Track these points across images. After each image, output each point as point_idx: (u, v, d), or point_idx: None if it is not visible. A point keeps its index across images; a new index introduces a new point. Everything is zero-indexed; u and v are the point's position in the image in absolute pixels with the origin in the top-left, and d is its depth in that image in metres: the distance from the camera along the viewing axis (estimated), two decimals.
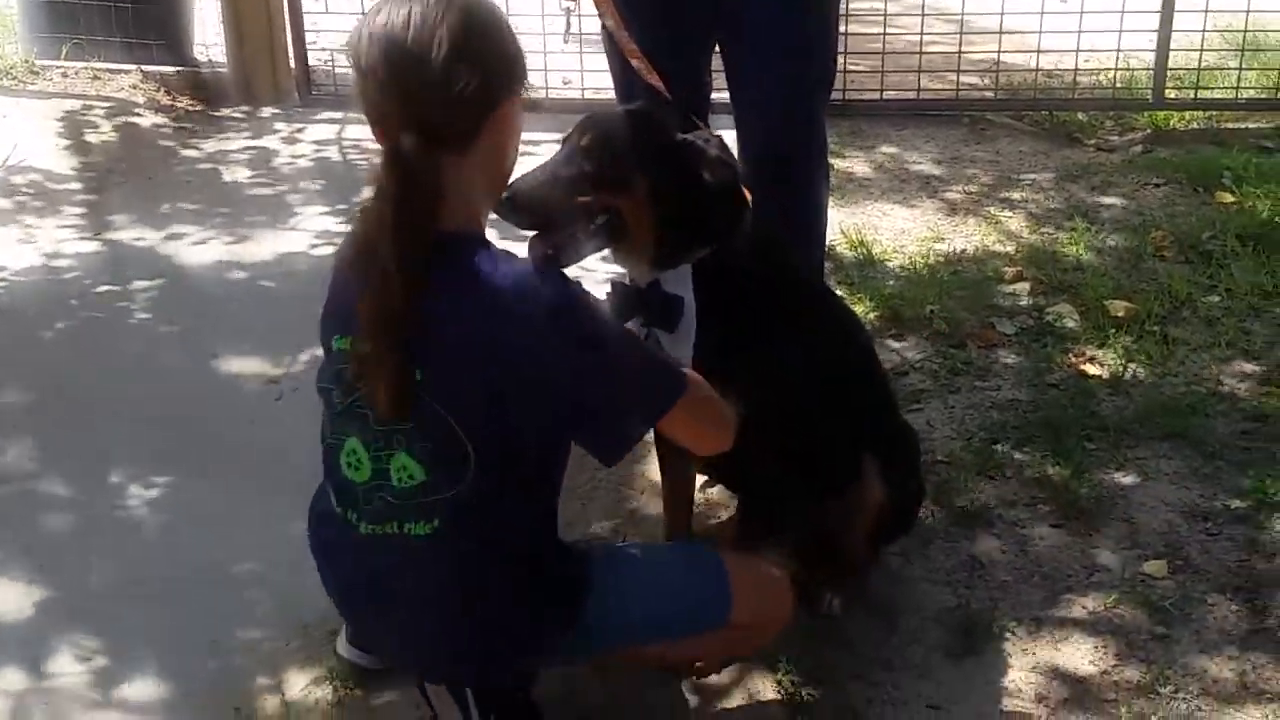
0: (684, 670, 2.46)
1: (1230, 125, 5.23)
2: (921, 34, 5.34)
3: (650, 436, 2.63)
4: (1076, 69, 5.39)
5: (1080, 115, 5.32)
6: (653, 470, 2.88)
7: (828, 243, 4.02)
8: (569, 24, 3.01)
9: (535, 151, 2.43)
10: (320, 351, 2.13)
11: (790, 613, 2.35)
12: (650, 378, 2.07)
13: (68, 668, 2.52)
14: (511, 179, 2.14)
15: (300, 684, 2.46)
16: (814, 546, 2.66)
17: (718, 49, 3.11)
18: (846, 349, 2.58)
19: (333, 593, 2.24)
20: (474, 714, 2.16)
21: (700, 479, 2.82)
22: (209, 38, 5.86)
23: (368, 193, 1.97)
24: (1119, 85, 5.41)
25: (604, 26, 2.89)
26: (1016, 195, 4.61)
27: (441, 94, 1.90)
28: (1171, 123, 5.25)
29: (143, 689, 2.47)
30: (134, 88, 5.59)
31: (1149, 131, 5.18)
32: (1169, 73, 5.25)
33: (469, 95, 1.92)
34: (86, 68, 5.65)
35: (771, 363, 2.33)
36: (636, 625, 2.19)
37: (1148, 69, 5.28)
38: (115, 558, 2.82)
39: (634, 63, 2.73)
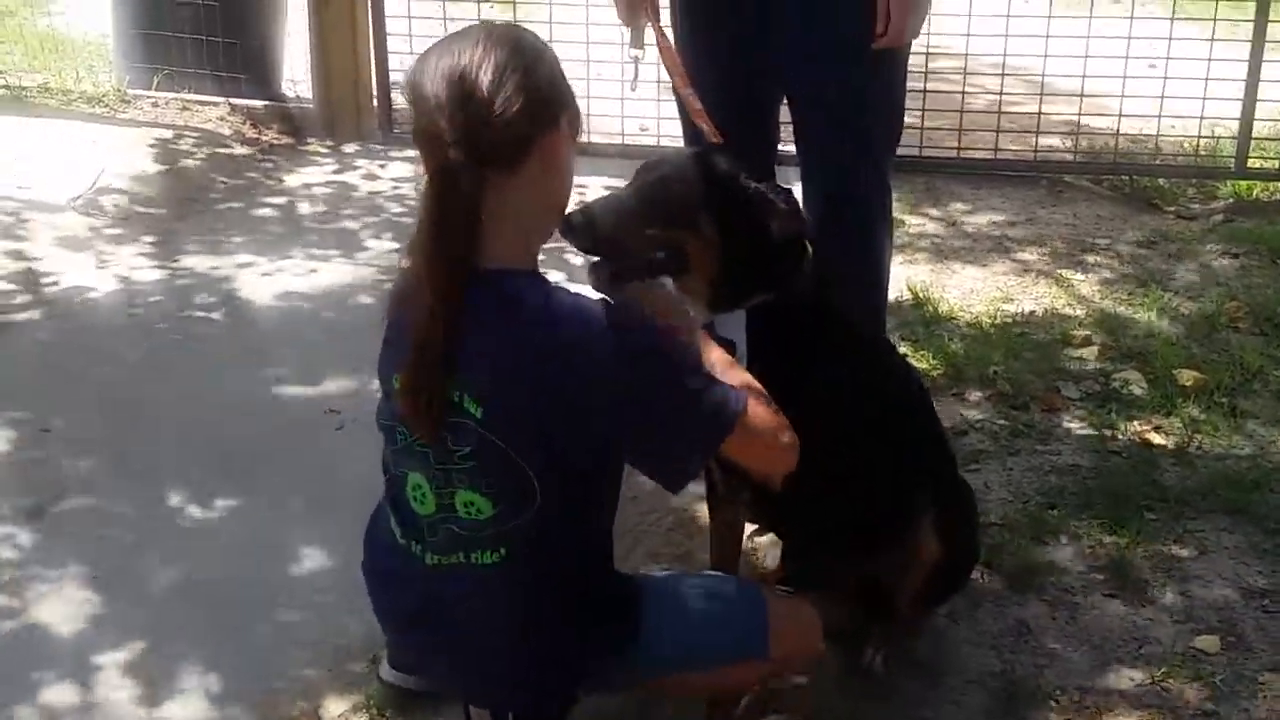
0: (719, 705, 2.44)
1: None
2: (1001, 93, 5.32)
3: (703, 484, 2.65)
4: (1158, 134, 5.34)
5: (1161, 181, 5.25)
6: (704, 514, 2.88)
7: (893, 298, 4.03)
8: (636, 72, 3.03)
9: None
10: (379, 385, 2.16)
11: (820, 649, 2.35)
12: (707, 403, 2.04)
13: (114, 681, 2.56)
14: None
15: (338, 710, 2.48)
16: (862, 599, 2.64)
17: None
18: (900, 400, 2.57)
19: (388, 620, 2.27)
20: None
21: (750, 527, 2.81)
22: (297, 74, 5.98)
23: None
24: (1202, 153, 5.34)
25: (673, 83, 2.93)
26: (1090, 259, 4.56)
27: (485, 112, 1.93)
28: (1255, 193, 5.17)
29: (185, 708, 2.50)
30: (221, 119, 5.71)
31: (1230, 201, 5.11)
32: (1253, 142, 5.18)
33: (513, 116, 1.95)
34: (177, 98, 5.78)
35: (821, 410, 2.32)
36: (682, 653, 2.19)
37: (1232, 137, 5.21)
38: (167, 575, 2.87)
39: (699, 123, 2.76)
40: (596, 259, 2.26)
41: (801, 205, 2.63)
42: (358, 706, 2.49)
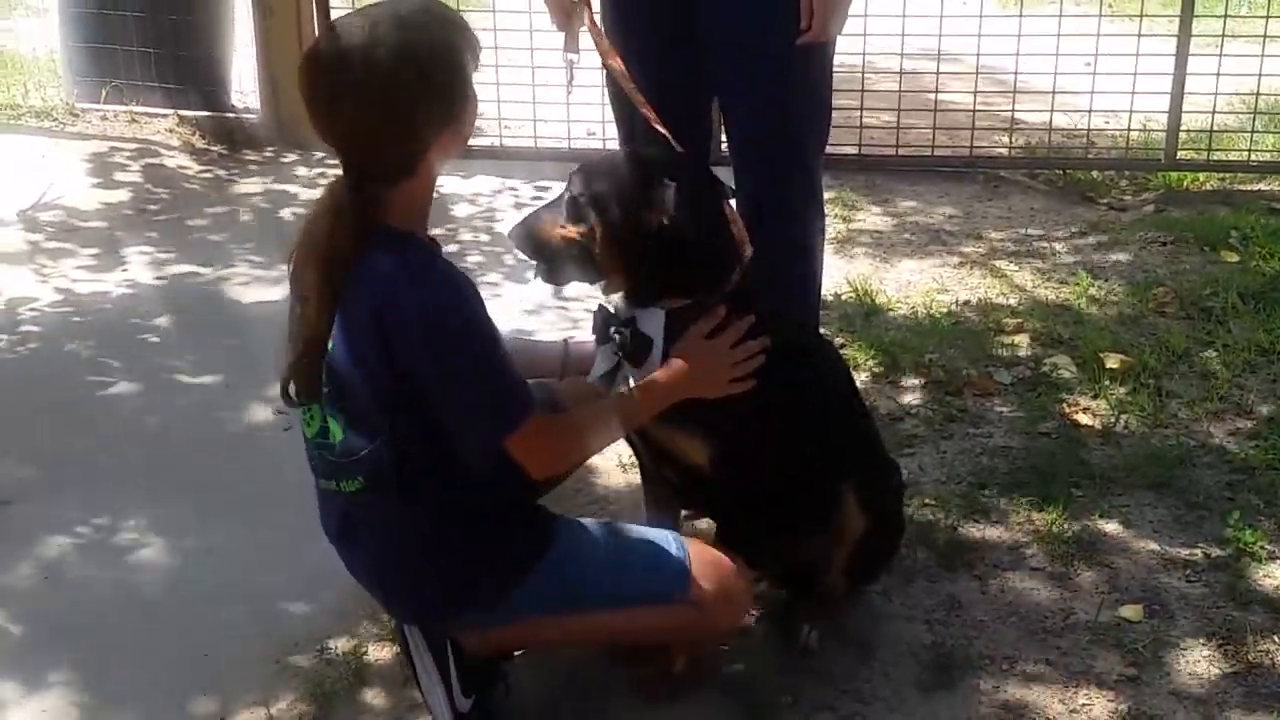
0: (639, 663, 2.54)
1: (1242, 187, 5.28)
2: (937, 91, 5.43)
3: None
4: (1090, 129, 5.47)
5: (1094, 174, 5.38)
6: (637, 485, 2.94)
7: (832, 292, 4.13)
8: (571, 75, 3.10)
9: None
10: None
11: (746, 604, 2.47)
12: (493, 402, 2.20)
13: (60, 681, 2.60)
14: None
15: (286, 700, 2.54)
16: (792, 578, 2.72)
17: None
18: (825, 386, 2.64)
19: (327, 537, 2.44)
20: (419, 656, 2.34)
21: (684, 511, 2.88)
22: (245, 84, 6.02)
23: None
24: (1133, 146, 5.47)
25: (608, 72, 3.00)
26: (1024, 250, 4.67)
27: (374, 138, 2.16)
28: (1185, 183, 5.30)
29: (133, 706, 2.55)
30: (170, 131, 5.75)
31: (1161, 191, 5.24)
32: (1182, 134, 5.31)
33: (406, 130, 2.15)
34: (125, 111, 5.82)
35: (739, 404, 2.40)
36: (593, 585, 2.32)
37: (1161, 130, 5.34)
38: (113, 577, 2.92)
39: (643, 111, 2.82)
40: (535, 262, 2.49)
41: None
42: (304, 696, 2.54)
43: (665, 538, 2.42)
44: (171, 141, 5.68)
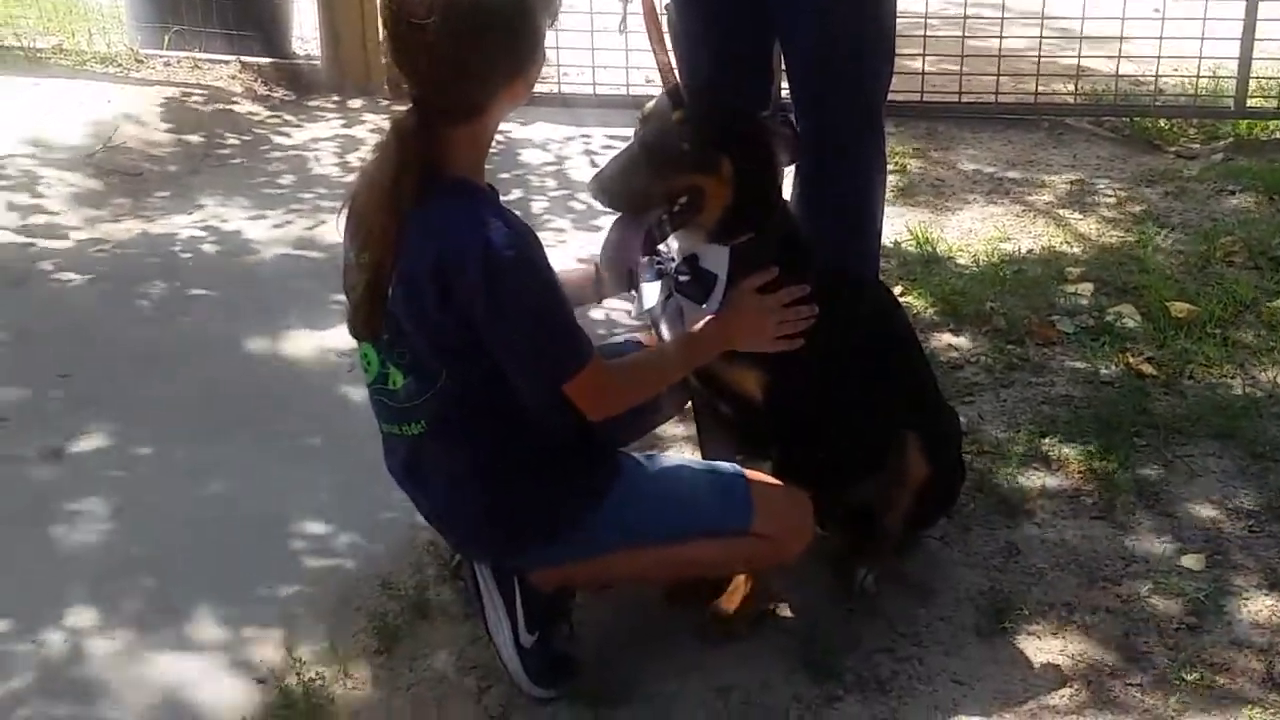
0: (693, 605, 2.57)
1: None
2: (1001, 36, 5.36)
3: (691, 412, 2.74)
4: (1158, 75, 5.37)
5: (1162, 122, 5.30)
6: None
7: (893, 240, 4.10)
8: (625, 15, 3.09)
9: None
10: None
11: (810, 532, 2.48)
12: (551, 349, 2.22)
13: (130, 608, 2.67)
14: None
15: (349, 635, 2.58)
16: (850, 521, 2.73)
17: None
18: (881, 329, 2.64)
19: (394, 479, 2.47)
20: (487, 591, 2.38)
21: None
22: (306, 32, 6.04)
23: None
24: (1202, 93, 5.37)
25: (668, 16, 2.99)
26: (1089, 199, 4.62)
27: (452, 72, 2.13)
28: (1254, 132, 5.21)
29: (197, 632, 2.61)
30: (232, 78, 5.79)
31: (1230, 140, 5.15)
32: (1253, 82, 5.21)
33: (481, 74, 2.15)
34: (188, 57, 5.87)
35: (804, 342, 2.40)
36: (657, 519, 2.35)
37: (1231, 77, 5.24)
38: (180, 511, 2.97)
39: (660, 58, 2.79)
40: (619, 215, 2.36)
41: None
42: (368, 630, 2.58)
43: (726, 470, 2.44)
44: (234, 88, 5.72)
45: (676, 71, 2.78)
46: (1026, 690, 2.44)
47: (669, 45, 2.86)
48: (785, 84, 3.23)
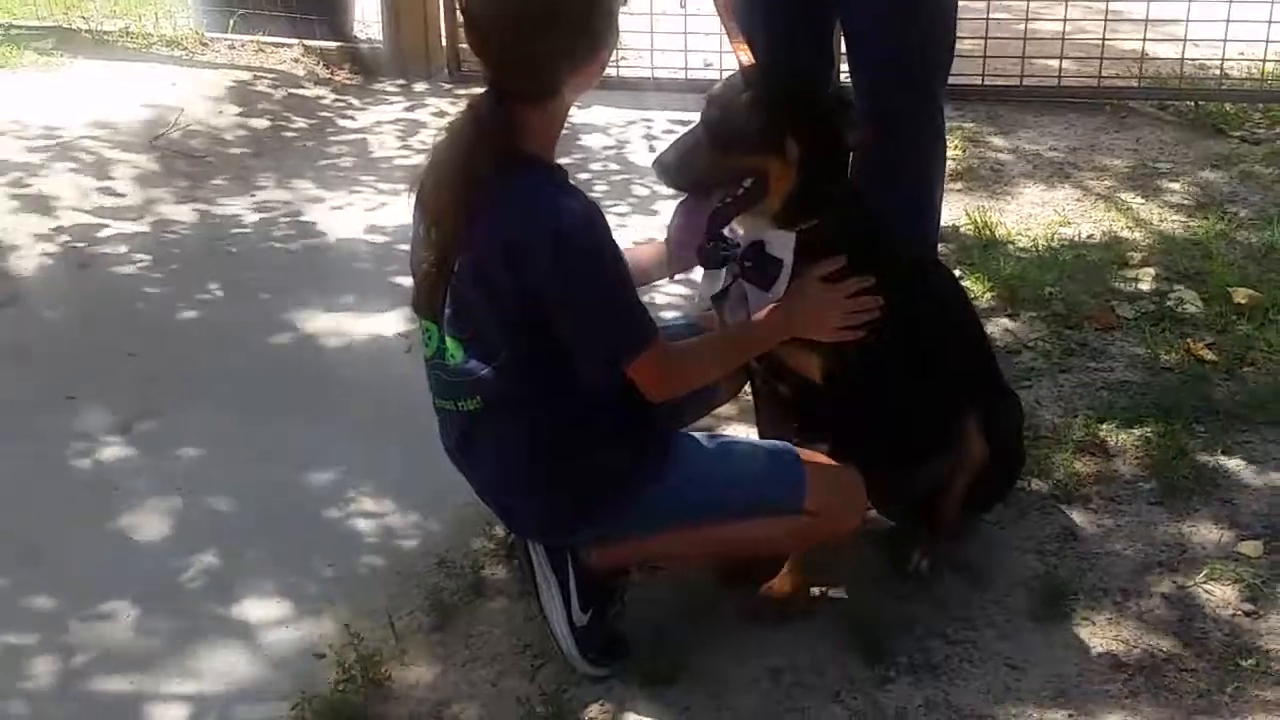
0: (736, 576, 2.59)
1: None
2: (1065, 19, 5.30)
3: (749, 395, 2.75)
4: (1224, 58, 5.29)
5: (1227, 107, 5.22)
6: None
7: (952, 222, 4.09)
8: None
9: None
10: None
11: (863, 510, 2.51)
12: (617, 329, 2.24)
13: (194, 580, 2.73)
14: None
15: (405, 610, 2.62)
16: (907, 504, 2.73)
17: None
18: (946, 314, 2.63)
19: (448, 455, 2.48)
20: (540, 568, 2.41)
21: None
22: (368, 15, 6.10)
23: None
24: (1269, 77, 5.30)
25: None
26: (1152, 183, 4.57)
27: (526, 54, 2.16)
28: None
29: (260, 607, 2.65)
30: (295, 61, 5.86)
31: None
32: None
33: (556, 55, 2.17)
34: (252, 40, 5.94)
35: (870, 326, 2.40)
36: (710, 496, 2.36)
37: None
38: (243, 487, 3.02)
39: (736, 52, 2.81)
40: (685, 196, 2.37)
41: None
42: (423, 606, 2.62)
43: (781, 449, 2.46)
44: (297, 71, 5.79)
45: (742, 45, 2.78)
46: (1080, 675, 2.43)
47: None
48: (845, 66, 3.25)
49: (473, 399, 2.31)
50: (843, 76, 3.51)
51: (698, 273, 2.56)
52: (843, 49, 3.35)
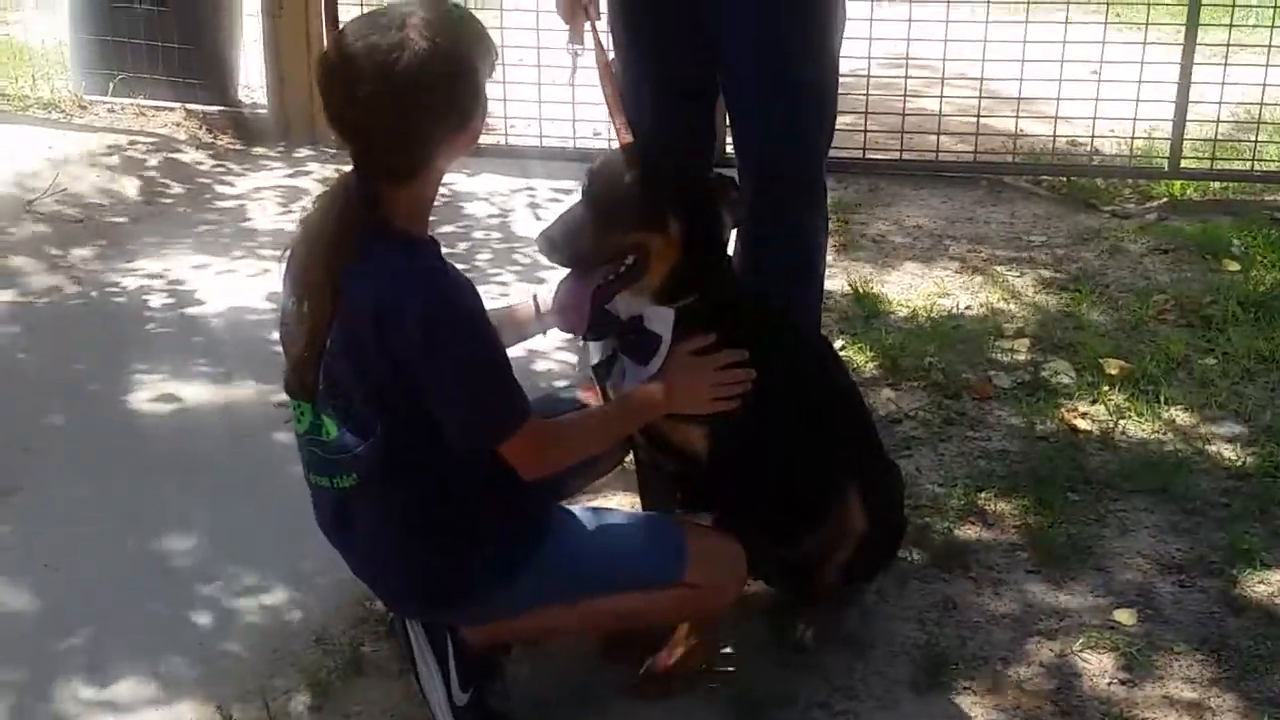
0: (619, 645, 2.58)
1: (1245, 197, 5.29)
2: (941, 96, 5.44)
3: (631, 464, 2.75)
4: (1093, 135, 5.47)
5: (1099, 182, 5.39)
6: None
7: (834, 293, 4.14)
8: (575, 66, 3.12)
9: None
10: None
11: (744, 581, 2.49)
12: (486, 408, 2.22)
13: (65, 663, 2.63)
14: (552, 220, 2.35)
15: (283, 685, 2.56)
16: (789, 575, 2.73)
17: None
18: (825, 387, 2.66)
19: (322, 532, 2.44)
20: (418, 647, 2.37)
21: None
22: (253, 80, 6.05)
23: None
24: (1138, 154, 5.48)
25: (613, 71, 3.02)
26: (1026, 256, 4.69)
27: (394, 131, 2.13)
28: (1188, 193, 5.30)
29: (134, 689, 2.57)
30: (177, 125, 5.77)
31: (1165, 200, 5.24)
32: (1187, 143, 5.32)
33: (421, 134, 2.14)
34: (132, 104, 5.84)
35: (747, 400, 2.42)
36: (589, 571, 2.34)
37: (1166, 139, 5.35)
38: (117, 564, 2.94)
39: (614, 121, 2.82)
40: (569, 271, 2.37)
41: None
42: (301, 685, 2.56)
43: (660, 521, 2.47)
44: (179, 135, 5.70)
45: (625, 123, 2.80)
46: None
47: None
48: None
49: (348, 476, 2.26)
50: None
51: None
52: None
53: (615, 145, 2.50)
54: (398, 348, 2.14)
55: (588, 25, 3.06)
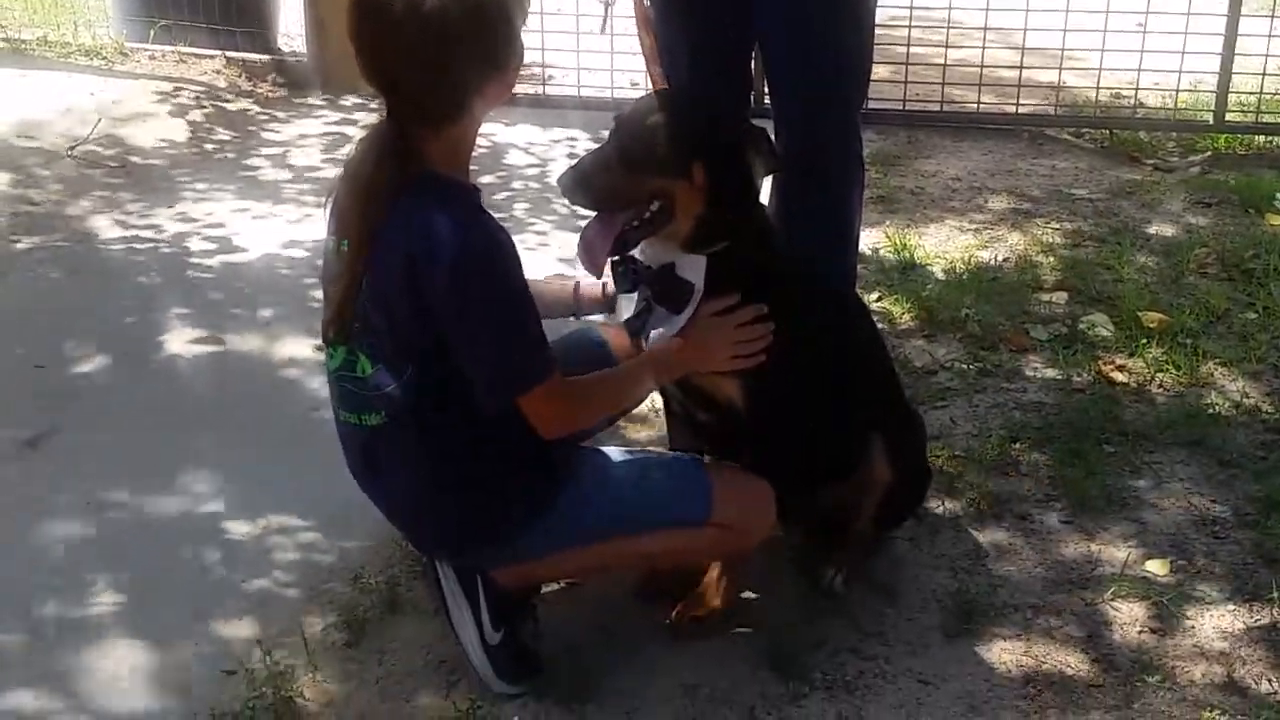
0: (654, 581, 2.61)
1: None
2: (984, 47, 5.39)
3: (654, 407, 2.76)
4: (1137, 88, 5.41)
5: (1142, 134, 5.35)
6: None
7: (871, 246, 4.14)
8: (608, 15, 3.12)
9: None
10: None
11: (771, 520, 2.49)
12: (510, 360, 2.22)
13: (103, 601, 2.68)
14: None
15: (319, 624, 2.60)
16: (819, 523, 2.75)
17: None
18: (851, 337, 2.67)
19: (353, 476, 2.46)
20: (449, 588, 2.40)
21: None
22: (292, 27, 6.06)
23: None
24: (1182, 107, 5.42)
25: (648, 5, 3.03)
26: (1066, 209, 4.65)
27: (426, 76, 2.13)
28: (1232, 146, 5.25)
29: (171, 626, 2.61)
30: (217, 72, 5.81)
31: (1209, 154, 5.19)
32: (1232, 96, 5.26)
33: (451, 76, 2.14)
34: (173, 51, 5.88)
35: (775, 349, 2.42)
36: (616, 510, 2.36)
37: (1211, 92, 5.29)
38: (155, 504, 2.99)
39: (649, 69, 2.82)
40: (594, 214, 2.37)
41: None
42: (338, 623, 2.60)
43: (687, 462, 2.48)
44: (219, 83, 5.74)
45: (661, 73, 2.80)
46: (990, 691, 2.46)
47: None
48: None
49: (377, 414, 2.28)
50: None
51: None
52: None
53: (645, 94, 2.50)
54: (427, 292, 2.16)
55: None
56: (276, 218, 4.50)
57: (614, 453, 2.47)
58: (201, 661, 2.52)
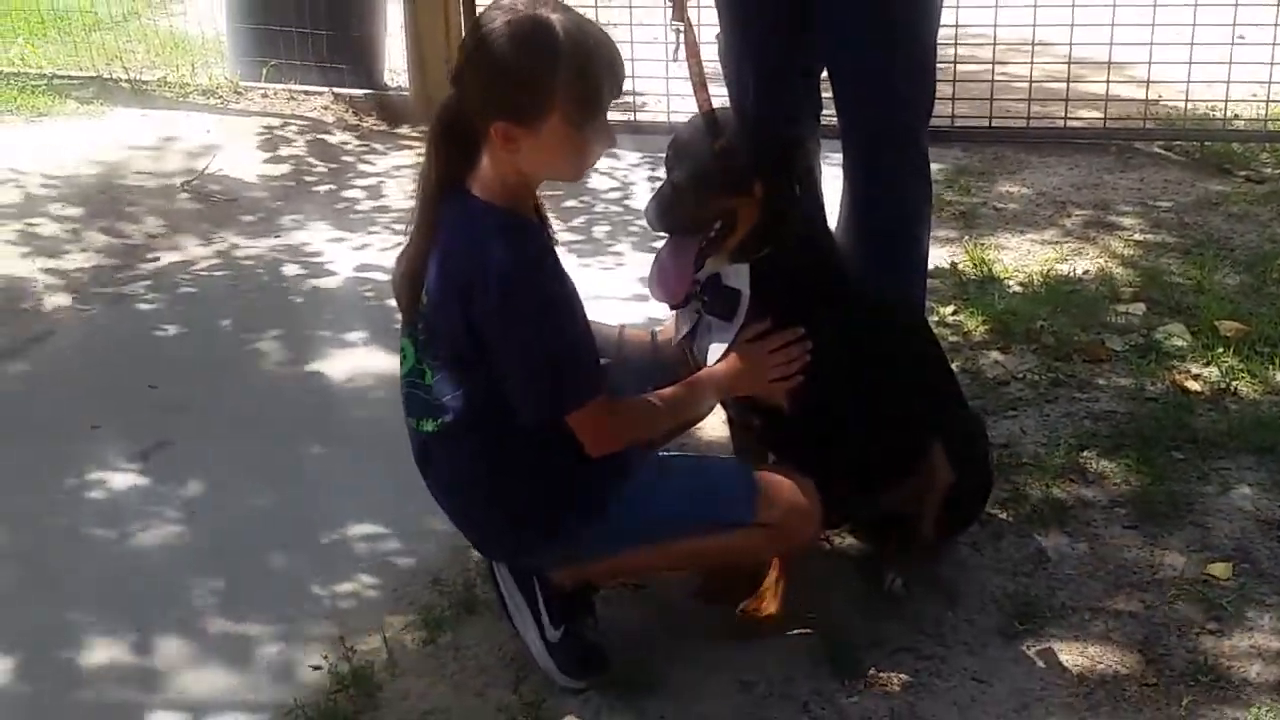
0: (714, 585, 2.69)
1: None
2: (1070, 62, 5.41)
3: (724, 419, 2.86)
4: (1227, 100, 5.38)
5: (1235, 146, 5.31)
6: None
7: (949, 261, 4.19)
8: (679, 42, 3.24)
9: None
10: None
11: (818, 519, 2.55)
12: (554, 383, 2.32)
13: (204, 600, 2.85)
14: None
15: (399, 626, 2.74)
16: (880, 526, 2.82)
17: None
18: (900, 340, 2.74)
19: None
20: (507, 589, 2.52)
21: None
22: (397, 64, 6.29)
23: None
24: (1275, 119, 5.38)
25: (717, 43, 3.14)
26: (1151, 221, 4.65)
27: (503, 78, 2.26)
28: None
29: (264, 622, 2.78)
30: (325, 108, 6.06)
31: None
32: None
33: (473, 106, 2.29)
34: (284, 89, 6.15)
35: (824, 354, 2.51)
36: (664, 514, 2.45)
37: None
38: (254, 511, 3.17)
39: (697, 95, 2.92)
40: (664, 243, 2.51)
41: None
42: (417, 622, 2.74)
43: (732, 463, 2.58)
44: (326, 118, 5.98)
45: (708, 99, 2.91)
46: (1044, 689, 2.51)
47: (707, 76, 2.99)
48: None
49: (433, 421, 2.42)
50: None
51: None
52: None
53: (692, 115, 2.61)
54: (474, 309, 2.29)
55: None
56: (369, 246, 4.69)
57: (658, 457, 2.57)
58: (289, 658, 2.67)
